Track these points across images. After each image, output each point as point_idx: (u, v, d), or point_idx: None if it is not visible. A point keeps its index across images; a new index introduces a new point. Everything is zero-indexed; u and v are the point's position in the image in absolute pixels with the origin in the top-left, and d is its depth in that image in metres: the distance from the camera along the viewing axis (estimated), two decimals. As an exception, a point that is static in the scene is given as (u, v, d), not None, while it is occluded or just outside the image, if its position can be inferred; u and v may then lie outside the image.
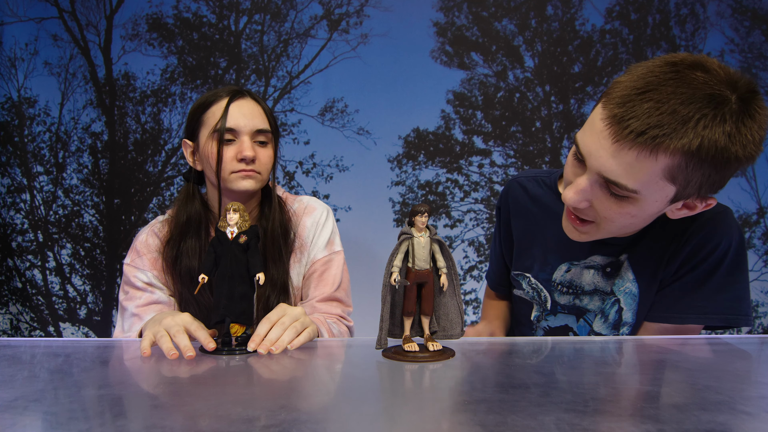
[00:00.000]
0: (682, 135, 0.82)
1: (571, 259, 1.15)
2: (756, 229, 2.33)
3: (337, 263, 1.35)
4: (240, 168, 1.22)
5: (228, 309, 0.92)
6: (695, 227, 1.04)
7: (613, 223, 0.96)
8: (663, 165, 0.85)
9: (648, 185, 0.88)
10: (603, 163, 0.89)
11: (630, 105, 0.84)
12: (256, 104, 1.27)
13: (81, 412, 0.65)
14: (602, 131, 0.88)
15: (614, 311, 1.11)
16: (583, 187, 0.93)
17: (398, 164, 2.35)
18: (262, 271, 0.93)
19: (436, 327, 0.91)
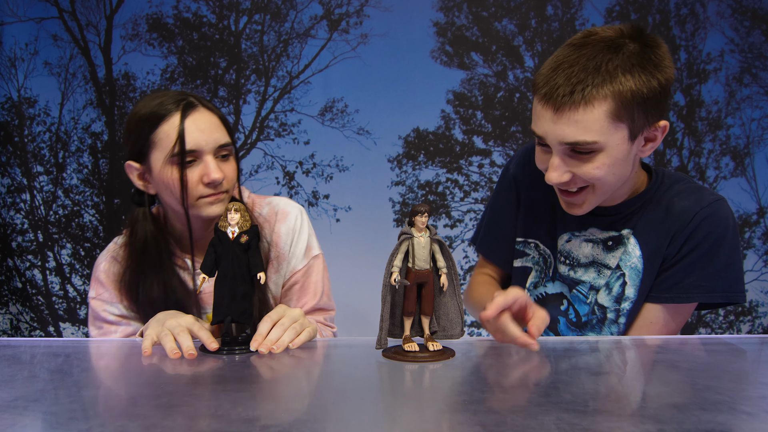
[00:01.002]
0: (602, 80, 0.98)
1: (573, 230, 1.22)
2: (756, 229, 2.33)
3: (316, 270, 1.27)
4: (208, 192, 1.11)
5: (230, 309, 0.92)
6: (702, 212, 1.12)
7: (600, 179, 1.04)
8: (602, 111, 0.98)
9: (602, 132, 0.99)
10: (558, 132, 1.01)
11: (552, 81, 1.00)
12: (211, 114, 1.13)
13: (81, 412, 0.65)
14: (543, 110, 1.02)
15: (618, 285, 1.17)
16: (557, 163, 1.05)
17: (398, 164, 2.35)
18: (263, 270, 0.94)
19: (436, 327, 0.91)
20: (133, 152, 1.14)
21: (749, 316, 2.35)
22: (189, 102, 1.12)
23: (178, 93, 1.14)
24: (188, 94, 1.14)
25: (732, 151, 2.33)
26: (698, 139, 2.33)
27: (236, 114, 2.37)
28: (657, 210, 1.14)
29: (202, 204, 1.12)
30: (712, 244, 1.10)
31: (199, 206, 1.12)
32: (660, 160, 2.33)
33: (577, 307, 1.21)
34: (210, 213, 1.13)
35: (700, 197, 1.13)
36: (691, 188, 1.16)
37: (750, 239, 2.33)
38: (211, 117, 1.13)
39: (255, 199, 1.28)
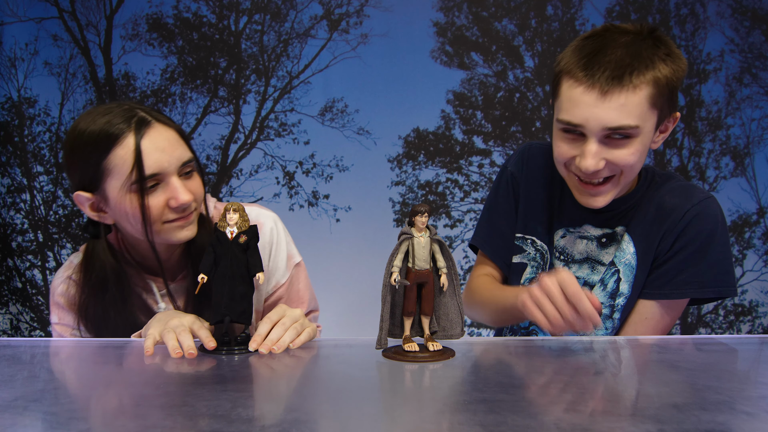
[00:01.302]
0: (645, 66, 1.02)
1: (567, 226, 1.24)
2: (756, 229, 2.33)
3: (298, 278, 1.23)
4: (175, 216, 1.02)
5: (229, 309, 0.92)
6: (692, 209, 1.14)
7: (629, 166, 1.07)
8: (644, 95, 1.02)
9: (641, 117, 1.03)
10: (603, 117, 1.01)
11: (596, 65, 1.02)
12: (168, 129, 1.02)
13: (81, 412, 0.65)
14: (586, 94, 1.02)
15: (613, 281, 1.19)
16: (595, 150, 1.04)
17: (398, 164, 2.35)
18: (262, 270, 0.94)
19: (436, 327, 0.91)
20: (82, 182, 1.02)
21: (749, 316, 2.35)
22: (141, 118, 1.00)
23: (126, 108, 1.02)
24: (137, 108, 1.02)
25: (732, 151, 2.33)
26: (698, 139, 2.33)
27: (236, 114, 2.37)
28: (649, 207, 1.17)
29: (171, 229, 1.03)
30: (703, 240, 1.13)
31: (167, 232, 1.04)
32: (660, 160, 2.33)
33: None
34: (180, 238, 1.05)
35: (690, 195, 1.15)
36: (682, 186, 1.19)
37: (750, 239, 2.33)
38: (168, 132, 1.02)
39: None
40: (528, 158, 1.31)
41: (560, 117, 1.06)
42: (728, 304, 2.35)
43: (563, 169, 1.14)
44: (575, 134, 1.06)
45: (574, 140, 1.07)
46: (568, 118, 1.05)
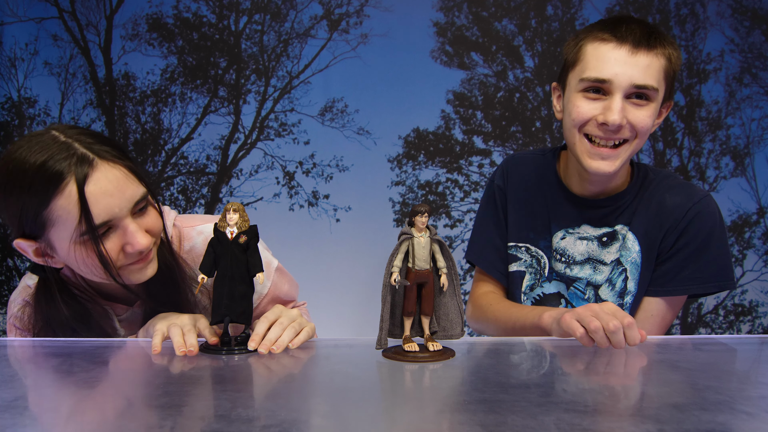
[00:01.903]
0: (662, 39, 1.10)
1: (567, 227, 1.26)
2: (756, 229, 2.33)
3: (282, 281, 1.18)
4: (134, 259, 0.95)
5: (229, 309, 0.92)
6: (693, 207, 1.18)
7: (644, 129, 1.11)
8: (662, 63, 1.10)
9: (659, 82, 1.10)
10: (632, 73, 1.08)
11: (623, 27, 1.09)
12: (113, 166, 0.90)
13: (81, 412, 0.65)
14: (615, 51, 1.09)
15: (621, 280, 1.22)
16: (620, 105, 1.09)
17: (398, 164, 2.35)
18: (262, 270, 0.94)
19: (436, 327, 0.91)
20: (20, 229, 0.91)
21: (749, 316, 2.35)
22: (82, 157, 0.88)
23: (62, 143, 0.89)
24: (75, 143, 0.89)
25: (732, 151, 2.33)
26: (698, 139, 2.33)
27: (236, 114, 2.37)
28: (650, 205, 1.20)
29: (129, 272, 0.96)
30: (704, 237, 1.17)
31: (126, 274, 0.96)
32: (660, 160, 2.33)
33: (575, 304, 1.24)
34: (140, 278, 0.98)
35: (690, 193, 1.19)
36: (680, 184, 1.23)
37: (750, 239, 2.33)
38: (114, 170, 0.90)
39: (182, 231, 1.10)
40: (512, 169, 1.34)
41: (587, 75, 1.10)
42: (728, 304, 2.35)
43: (575, 134, 1.15)
44: (598, 93, 1.11)
45: (596, 99, 1.11)
46: (596, 75, 1.09)
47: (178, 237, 1.10)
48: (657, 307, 1.20)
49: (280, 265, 1.19)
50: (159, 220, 0.99)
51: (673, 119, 2.33)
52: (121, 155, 0.93)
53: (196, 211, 2.40)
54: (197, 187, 2.39)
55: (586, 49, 1.12)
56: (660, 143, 2.33)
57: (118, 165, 0.91)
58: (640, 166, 1.26)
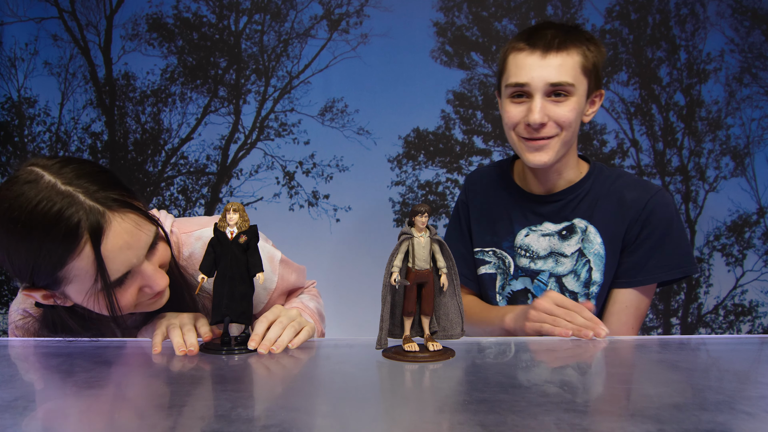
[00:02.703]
0: (575, 38, 1.23)
1: (529, 225, 1.37)
2: (756, 229, 2.33)
3: (286, 274, 1.18)
4: (146, 298, 0.96)
5: (229, 309, 0.92)
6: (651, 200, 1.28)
7: (568, 123, 1.23)
8: (577, 60, 1.22)
9: (576, 78, 1.22)
10: (545, 74, 1.21)
11: (535, 36, 1.23)
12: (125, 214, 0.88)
13: (81, 412, 0.65)
14: (528, 58, 1.22)
15: (585, 270, 1.32)
16: (539, 105, 1.21)
17: (398, 164, 2.35)
18: (262, 270, 0.94)
19: (436, 327, 0.91)
20: (29, 283, 0.90)
21: (749, 316, 2.35)
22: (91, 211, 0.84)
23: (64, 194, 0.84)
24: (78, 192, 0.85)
25: (732, 151, 2.33)
26: (698, 139, 2.33)
27: (236, 114, 2.37)
28: (609, 201, 1.31)
29: (144, 306, 0.97)
30: (664, 227, 1.27)
31: (141, 308, 0.98)
32: (660, 160, 2.33)
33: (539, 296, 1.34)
34: (154, 308, 0.99)
35: (646, 188, 1.30)
36: (636, 180, 1.34)
37: (750, 239, 2.33)
38: (127, 220, 0.88)
39: (180, 237, 1.09)
40: (472, 183, 1.49)
41: (509, 81, 1.25)
42: (728, 304, 2.35)
43: (512, 135, 1.29)
44: (522, 97, 1.24)
45: (521, 103, 1.25)
46: (516, 80, 1.23)
47: (177, 244, 1.08)
48: (630, 297, 1.29)
49: (283, 257, 1.19)
50: (168, 249, 0.98)
51: (673, 119, 2.33)
52: (128, 198, 0.90)
53: (196, 211, 2.40)
54: (197, 187, 2.39)
55: (508, 59, 1.26)
56: (660, 143, 2.33)
57: (129, 213, 0.88)
58: (595, 164, 1.36)
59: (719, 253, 2.33)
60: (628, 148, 2.33)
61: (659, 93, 2.32)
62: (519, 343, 1.02)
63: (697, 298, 2.34)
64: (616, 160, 2.32)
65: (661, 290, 2.35)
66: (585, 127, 2.31)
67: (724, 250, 2.33)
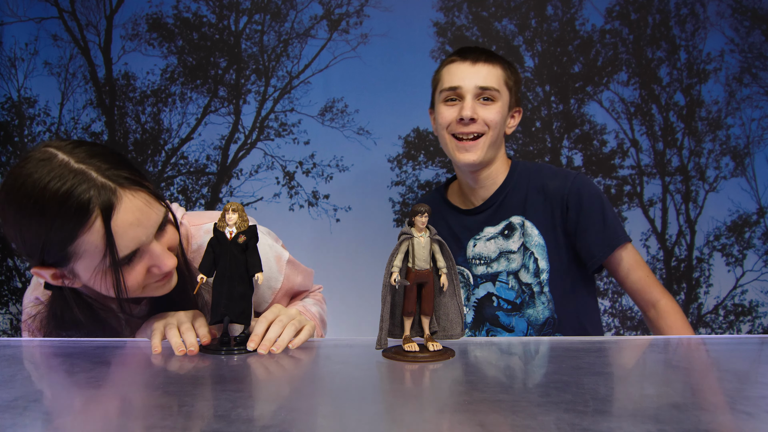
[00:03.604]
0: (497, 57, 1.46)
1: (473, 235, 1.50)
2: (756, 229, 2.33)
3: (292, 275, 1.18)
4: (157, 278, 0.97)
5: (228, 309, 0.92)
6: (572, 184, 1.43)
7: (494, 123, 1.41)
8: (500, 72, 1.43)
9: (500, 86, 1.42)
10: (474, 78, 1.41)
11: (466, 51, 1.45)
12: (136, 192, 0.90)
13: (81, 412, 0.65)
14: (460, 65, 1.43)
15: (532, 262, 1.45)
16: (471, 104, 1.40)
17: (398, 164, 2.35)
18: (261, 270, 0.94)
19: (436, 327, 0.91)
20: (40, 260, 0.91)
21: (749, 316, 2.35)
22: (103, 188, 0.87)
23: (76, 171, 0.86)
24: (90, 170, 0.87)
25: (732, 151, 2.33)
26: (698, 139, 2.33)
27: (236, 114, 2.37)
28: (536, 194, 1.46)
29: (154, 288, 0.98)
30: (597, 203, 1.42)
31: (148, 291, 0.98)
32: (660, 160, 2.33)
33: (504, 296, 1.47)
34: (162, 293, 1.00)
35: (565, 175, 1.46)
36: (555, 170, 1.49)
37: (750, 239, 2.33)
38: (137, 198, 0.90)
39: (189, 229, 1.10)
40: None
41: (443, 87, 1.43)
42: (728, 304, 2.35)
43: (445, 136, 1.45)
44: (455, 100, 1.42)
45: (454, 105, 1.43)
46: (449, 84, 1.42)
47: (186, 236, 1.09)
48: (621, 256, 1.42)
49: (291, 258, 1.19)
50: (176, 233, 1.00)
51: (673, 119, 2.33)
52: (138, 178, 0.92)
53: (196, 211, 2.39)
54: (197, 187, 2.39)
55: (442, 71, 1.46)
56: (660, 143, 2.33)
57: (139, 192, 0.91)
58: (516, 162, 1.52)
59: (719, 253, 2.33)
60: (628, 148, 2.33)
61: (659, 93, 2.32)
62: (519, 343, 1.02)
63: (697, 298, 2.34)
64: (616, 160, 2.32)
65: (661, 290, 2.34)
66: (585, 127, 2.31)
67: (724, 250, 2.33)
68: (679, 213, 2.32)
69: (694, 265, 2.33)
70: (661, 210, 2.33)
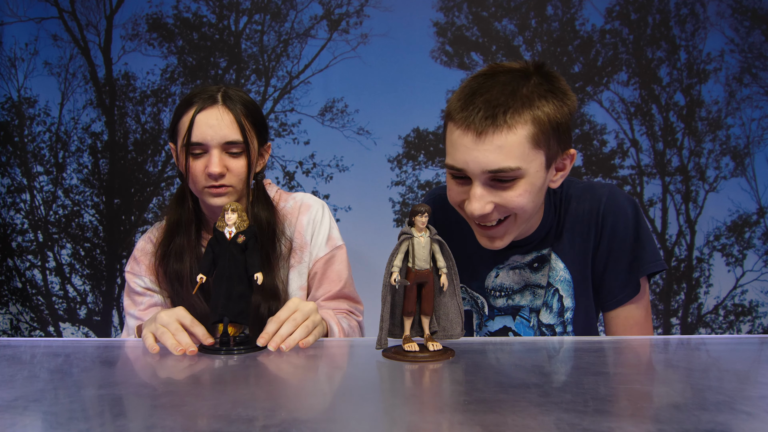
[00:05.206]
0: (521, 104, 0.98)
1: (496, 264, 1.23)
2: (756, 229, 2.33)
3: (339, 259, 1.31)
4: (210, 184, 1.17)
5: (226, 309, 0.92)
6: (604, 209, 1.17)
7: (522, 208, 1.04)
8: (524, 134, 0.98)
9: (523, 158, 0.99)
10: (481, 160, 0.98)
11: (470, 107, 0.99)
12: (226, 112, 1.17)
13: (81, 412, 0.65)
14: (462, 138, 0.99)
15: (556, 300, 1.20)
16: (480, 193, 1.01)
17: (398, 164, 2.35)
18: (260, 270, 0.93)
19: (436, 327, 0.91)
20: (171, 134, 1.24)
21: (749, 316, 2.35)
22: (210, 96, 1.18)
23: (214, 88, 1.20)
24: (223, 87, 1.20)
25: (732, 151, 2.33)
26: (698, 139, 2.33)
27: (236, 114, 2.38)
28: (564, 222, 1.19)
29: (206, 194, 1.18)
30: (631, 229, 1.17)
31: (204, 195, 1.19)
32: (660, 160, 2.33)
33: (522, 334, 1.23)
34: (212, 203, 1.19)
35: (594, 195, 1.18)
36: (583, 188, 1.20)
37: (750, 239, 2.33)
38: (224, 114, 1.17)
39: (282, 194, 1.35)
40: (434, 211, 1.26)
41: (446, 161, 1.05)
42: (728, 304, 2.35)
43: (461, 211, 1.11)
44: (462, 178, 1.04)
45: (463, 184, 1.05)
46: (452, 162, 1.03)
47: (277, 200, 1.32)
48: (630, 313, 1.20)
49: (345, 249, 1.34)
50: (243, 168, 1.19)
51: (673, 119, 2.33)
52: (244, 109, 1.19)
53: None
54: (197, 187, 2.39)
55: (447, 130, 1.05)
56: (660, 143, 2.33)
57: (230, 113, 1.17)
58: (549, 194, 1.19)
59: (719, 253, 2.33)
60: (628, 148, 2.33)
61: (659, 93, 2.32)
62: (519, 343, 1.02)
63: (697, 298, 2.34)
64: (616, 160, 2.32)
65: (661, 290, 2.35)
66: (585, 127, 2.31)
67: (724, 250, 2.33)
68: (679, 213, 2.32)
69: (694, 265, 2.33)
70: (661, 210, 2.33)
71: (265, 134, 1.27)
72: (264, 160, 1.29)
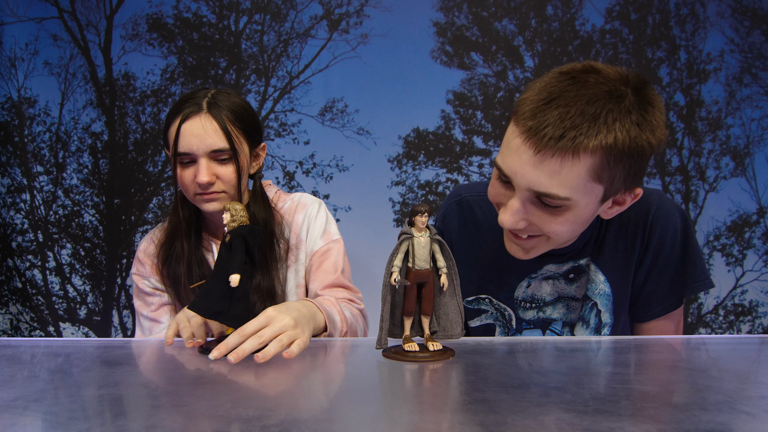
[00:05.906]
0: (597, 131, 0.84)
1: (528, 274, 1.14)
2: (756, 229, 2.33)
3: (335, 251, 1.32)
4: (200, 191, 1.18)
5: (195, 305, 0.91)
6: (653, 218, 1.08)
7: (555, 234, 0.95)
8: (587, 165, 0.86)
9: (577, 190, 0.88)
10: (530, 178, 0.89)
11: (541, 115, 0.86)
12: (210, 120, 1.16)
13: (81, 412, 0.65)
14: (521, 147, 0.88)
15: (594, 315, 1.12)
16: (517, 207, 0.93)
17: (398, 164, 2.35)
18: (237, 272, 0.89)
19: (436, 327, 0.91)
20: (163, 141, 1.26)
21: (749, 316, 2.35)
22: (196, 104, 1.17)
23: (203, 93, 1.20)
24: (207, 95, 1.19)
25: (732, 151, 2.33)
26: (698, 139, 2.33)
27: (236, 114, 2.37)
28: (613, 231, 1.10)
29: (198, 201, 1.20)
30: (679, 242, 1.09)
31: (197, 202, 1.21)
32: (660, 160, 2.33)
33: None
34: (206, 209, 1.20)
35: (641, 201, 1.07)
36: None
37: (750, 239, 2.33)
38: (209, 123, 1.16)
39: (281, 195, 1.36)
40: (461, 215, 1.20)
41: (496, 159, 0.96)
42: (728, 304, 2.35)
43: (496, 208, 1.02)
44: (507, 183, 0.95)
45: (506, 188, 0.96)
46: (500, 164, 0.94)
47: (276, 201, 1.34)
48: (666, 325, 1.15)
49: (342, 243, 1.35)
50: (232, 174, 1.19)
51: (673, 119, 2.33)
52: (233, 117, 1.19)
53: (196, 211, 2.39)
54: (197, 187, 2.39)
55: (510, 126, 0.93)
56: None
57: (215, 120, 1.16)
58: None
59: (719, 253, 2.33)
60: (628, 148, 2.33)
61: (659, 93, 2.32)
62: (519, 343, 1.02)
63: (697, 298, 2.34)
64: (616, 160, 2.32)
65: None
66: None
67: (724, 250, 2.33)
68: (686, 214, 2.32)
69: (694, 265, 2.32)
70: (661, 210, 2.33)
71: (258, 136, 1.27)
72: (259, 161, 1.30)
